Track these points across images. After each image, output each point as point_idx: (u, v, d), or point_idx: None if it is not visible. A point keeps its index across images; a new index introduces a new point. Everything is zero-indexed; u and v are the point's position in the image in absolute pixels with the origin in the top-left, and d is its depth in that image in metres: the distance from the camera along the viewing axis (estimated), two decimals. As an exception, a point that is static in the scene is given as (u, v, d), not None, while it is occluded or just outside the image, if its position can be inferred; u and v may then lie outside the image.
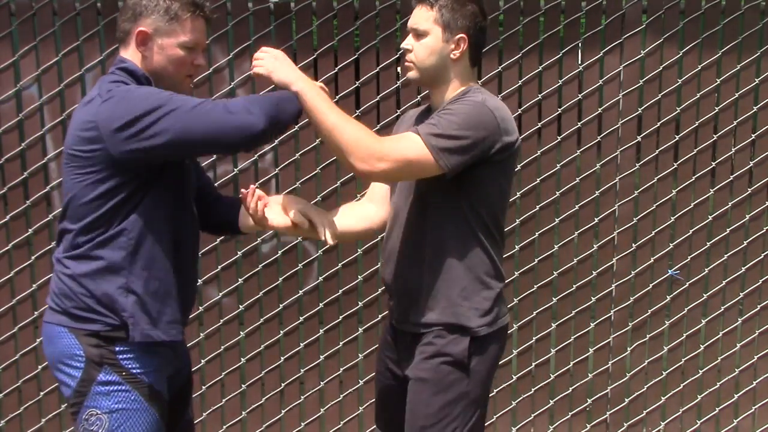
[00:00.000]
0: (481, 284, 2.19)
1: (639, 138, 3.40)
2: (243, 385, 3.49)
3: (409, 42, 2.20)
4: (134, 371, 2.08)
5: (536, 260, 3.45)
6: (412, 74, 2.22)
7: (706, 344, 3.57)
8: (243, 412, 3.50)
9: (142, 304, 2.06)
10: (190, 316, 2.68)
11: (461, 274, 2.17)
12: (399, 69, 3.30)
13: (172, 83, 2.11)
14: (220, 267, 3.39)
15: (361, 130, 2.06)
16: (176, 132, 1.94)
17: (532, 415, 3.56)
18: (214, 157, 3.31)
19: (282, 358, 3.47)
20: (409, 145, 2.05)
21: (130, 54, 2.10)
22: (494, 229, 2.20)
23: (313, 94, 2.07)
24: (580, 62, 3.37)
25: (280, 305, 3.43)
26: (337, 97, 3.30)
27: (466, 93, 2.18)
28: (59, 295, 2.10)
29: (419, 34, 2.17)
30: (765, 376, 3.60)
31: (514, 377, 3.53)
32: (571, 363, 3.53)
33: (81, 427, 2.08)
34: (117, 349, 2.06)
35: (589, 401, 3.57)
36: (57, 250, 2.15)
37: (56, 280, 2.12)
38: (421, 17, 2.17)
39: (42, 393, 3.43)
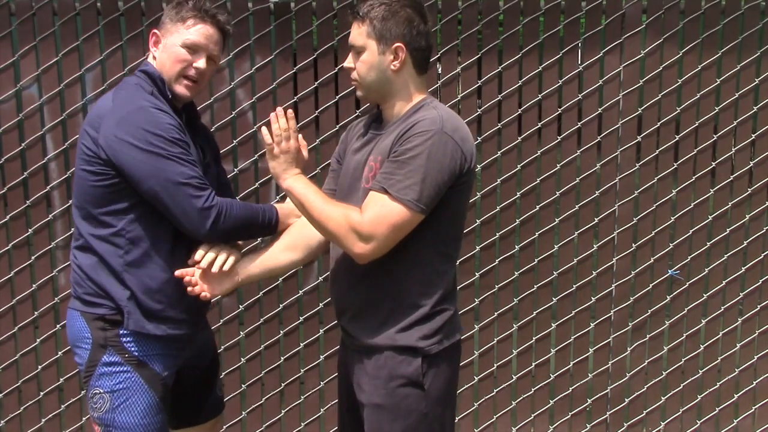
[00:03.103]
0: (431, 308, 2.10)
1: (639, 138, 3.40)
2: (243, 385, 3.49)
3: (350, 61, 2.14)
4: (136, 354, 2.19)
5: (536, 260, 3.45)
6: (359, 93, 2.18)
7: (706, 344, 3.57)
8: (243, 412, 3.50)
9: (135, 299, 2.16)
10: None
11: (409, 297, 2.09)
12: None
13: (169, 82, 2.22)
14: (220, 267, 3.39)
15: (339, 217, 2.02)
16: (152, 186, 2.07)
17: (532, 415, 3.56)
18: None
19: (282, 358, 3.47)
20: (385, 212, 1.98)
21: (150, 56, 2.28)
22: (448, 249, 2.13)
23: (300, 186, 2.11)
24: (580, 62, 3.37)
25: (280, 305, 3.43)
26: (337, 97, 3.30)
27: (419, 109, 2.09)
28: (73, 282, 2.25)
29: (357, 51, 2.11)
30: (765, 376, 3.60)
31: (514, 377, 3.53)
32: (571, 363, 3.53)
33: (89, 406, 2.22)
34: (121, 332, 2.17)
35: (589, 401, 3.57)
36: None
37: (71, 268, 2.27)
38: (356, 33, 2.11)
39: (42, 393, 3.43)
